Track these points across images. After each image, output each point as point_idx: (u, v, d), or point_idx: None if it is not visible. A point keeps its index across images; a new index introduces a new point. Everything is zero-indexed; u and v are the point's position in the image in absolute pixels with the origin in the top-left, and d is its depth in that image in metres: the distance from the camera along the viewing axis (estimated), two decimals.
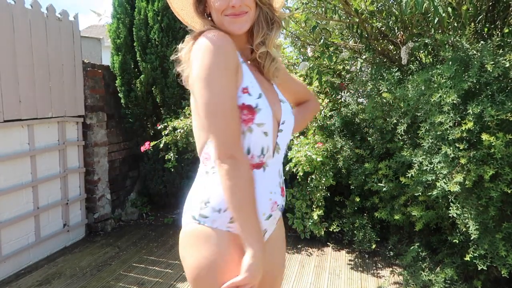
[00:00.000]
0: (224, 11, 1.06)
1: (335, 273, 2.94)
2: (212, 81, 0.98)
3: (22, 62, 2.94)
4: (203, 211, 1.06)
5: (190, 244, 1.07)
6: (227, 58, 1.00)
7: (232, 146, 0.99)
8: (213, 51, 0.98)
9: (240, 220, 0.99)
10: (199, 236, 1.05)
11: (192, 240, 1.07)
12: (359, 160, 3.11)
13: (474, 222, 2.08)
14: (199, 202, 1.08)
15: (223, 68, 0.99)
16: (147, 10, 3.85)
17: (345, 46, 3.57)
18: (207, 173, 1.09)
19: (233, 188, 0.98)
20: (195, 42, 1.05)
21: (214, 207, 1.05)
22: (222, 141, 0.98)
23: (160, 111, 3.99)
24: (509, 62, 2.04)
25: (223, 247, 1.03)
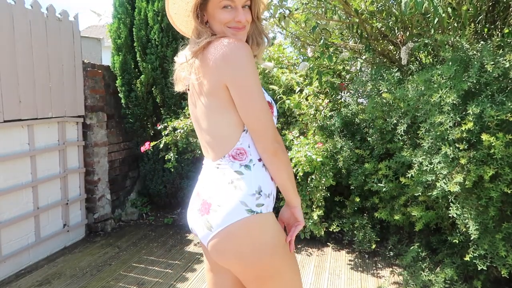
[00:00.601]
0: (228, 23, 1.18)
1: (335, 273, 2.94)
2: (255, 84, 1.14)
3: (22, 62, 2.94)
4: (259, 200, 1.18)
5: (253, 235, 1.17)
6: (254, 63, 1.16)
7: (277, 134, 1.20)
8: (248, 58, 1.13)
9: (292, 186, 1.25)
10: (259, 225, 1.18)
11: (254, 231, 1.17)
12: (359, 160, 3.11)
13: (474, 222, 2.08)
14: (251, 194, 1.17)
15: (256, 72, 1.15)
16: (147, 10, 3.86)
17: (345, 46, 3.58)
18: (247, 167, 1.20)
19: (287, 163, 1.21)
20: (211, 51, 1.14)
21: (266, 193, 1.20)
22: (271, 132, 1.17)
23: (160, 111, 3.99)
24: (509, 63, 2.04)
25: (276, 223, 1.25)
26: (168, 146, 3.65)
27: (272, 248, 1.19)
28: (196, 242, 3.53)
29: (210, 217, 1.17)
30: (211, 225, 1.17)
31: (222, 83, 1.14)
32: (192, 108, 1.28)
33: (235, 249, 1.16)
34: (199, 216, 1.21)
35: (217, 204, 1.17)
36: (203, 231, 1.20)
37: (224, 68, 1.12)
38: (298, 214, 1.31)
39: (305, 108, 3.45)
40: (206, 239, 1.20)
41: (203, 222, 1.19)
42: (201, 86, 1.18)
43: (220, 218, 1.15)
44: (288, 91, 3.74)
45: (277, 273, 1.20)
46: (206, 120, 1.20)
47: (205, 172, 1.29)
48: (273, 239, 1.20)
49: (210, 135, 1.21)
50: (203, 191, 1.24)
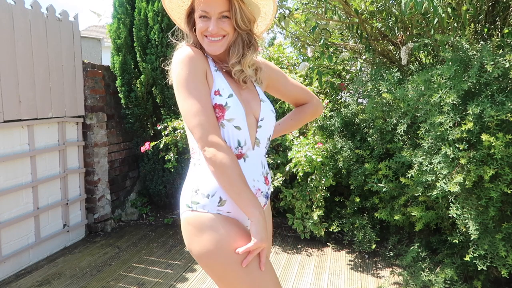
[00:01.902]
0: (204, 32, 1.26)
1: (335, 273, 2.94)
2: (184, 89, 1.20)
3: (22, 62, 2.94)
4: (194, 198, 1.22)
5: (190, 233, 1.22)
6: (195, 67, 1.22)
7: (212, 134, 1.17)
8: (184, 63, 1.21)
9: (234, 195, 1.16)
10: (195, 224, 1.20)
11: (190, 228, 1.21)
12: (359, 160, 3.11)
13: (474, 222, 2.08)
14: (190, 191, 1.24)
15: (192, 77, 1.20)
16: (147, 10, 3.86)
17: (345, 46, 3.58)
18: (195, 165, 1.27)
19: (221, 168, 1.15)
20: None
21: (204, 193, 1.21)
22: (203, 132, 1.16)
23: (160, 112, 3.99)
24: (509, 63, 2.04)
25: (219, 228, 1.18)
26: (168, 146, 3.65)
27: (207, 249, 1.17)
28: None
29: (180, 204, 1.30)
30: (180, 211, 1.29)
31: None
32: None
33: (185, 239, 1.25)
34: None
35: (183, 194, 1.29)
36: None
37: (172, 77, 1.26)
38: (251, 228, 1.15)
39: None
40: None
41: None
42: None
43: (181, 206, 1.28)
44: None
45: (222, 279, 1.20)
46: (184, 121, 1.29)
47: None
48: (210, 241, 1.17)
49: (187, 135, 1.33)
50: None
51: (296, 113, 1.60)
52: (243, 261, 1.15)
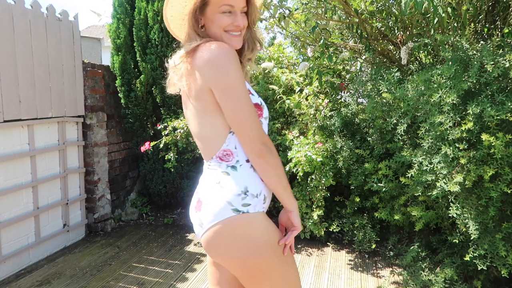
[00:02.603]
0: (226, 27, 1.22)
1: (335, 273, 2.94)
2: (239, 87, 1.15)
3: (22, 62, 2.94)
4: (245, 200, 1.19)
5: (238, 234, 1.18)
6: (239, 66, 1.17)
7: (263, 136, 1.18)
8: (232, 61, 1.14)
9: (282, 189, 1.23)
10: (246, 223, 1.18)
11: (240, 230, 1.18)
12: (359, 160, 3.11)
13: (474, 222, 2.08)
14: (236, 194, 1.19)
15: (241, 75, 1.16)
16: (147, 10, 3.86)
17: (345, 46, 3.58)
18: (234, 168, 1.22)
19: (274, 166, 1.19)
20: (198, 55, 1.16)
21: (253, 193, 1.20)
22: (258, 132, 1.17)
23: (160, 111, 3.99)
24: (509, 62, 2.04)
25: (266, 223, 1.23)
26: (168, 146, 3.65)
27: (258, 248, 1.19)
28: (196, 242, 3.53)
29: (201, 214, 1.22)
30: (202, 222, 1.22)
31: (207, 87, 1.16)
32: (185, 110, 1.31)
33: (222, 247, 1.20)
34: (194, 213, 1.27)
35: (205, 202, 1.22)
36: (196, 227, 1.26)
37: (209, 72, 1.15)
38: (294, 218, 1.27)
39: (305, 108, 3.45)
40: (199, 234, 1.25)
41: (197, 218, 1.25)
42: (190, 90, 1.21)
43: (208, 216, 1.20)
44: (288, 91, 3.74)
45: (266, 274, 1.21)
46: (195, 123, 1.24)
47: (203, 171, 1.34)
48: (261, 239, 1.20)
49: (199, 137, 1.26)
50: (199, 189, 1.30)
51: None
52: (283, 250, 1.25)
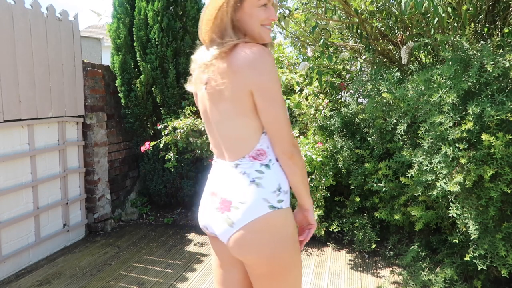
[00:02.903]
0: (263, 21, 1.22)
1: (335, 273, 2.94)
2: (279, 91, 1.19)
3: (22, 62, 2.94)
4: (279, 197, 1.23)
5: (274, 229, 1.21)
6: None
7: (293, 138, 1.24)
8: (274, 64, 1.17)
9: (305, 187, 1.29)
10: (280, 219, 1.22)
11: (275, 226, 1.21)
12: (359, 160, 3.11)
13: (474, 222, 2.08)
14: (272, 191, 1.22)
15: (278, 79, 1.22)
16: (147, 10, 3.85)
17: (345, 46, 3.58)
18: (267, 166, 1.24)
19: (302, 167, 1.25)
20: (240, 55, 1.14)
21: (285, 190, 1.25)
22: (290, 136, 1.21)
23: (160, 111, 3.99)
24: (509, 62, 2.04)
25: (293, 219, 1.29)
26: (168, 146, 3.65)
27: (290, 242, 1.24)
28: (196, 242, 3.53)
29: (232, 214, 1.21)
30: (232, 221, 1.20)
31: (248, 88, 1.15)
32: (208, 109, 1.27)
33: (257, 243, 1.20)
34: (218, 214, 1.24)
35: (239, 201, 1.20)
36: (222, 228, 1.23)
37: (252, 74, 1.14)
38: (311, 217, 1.34)
39: (305, 108, 3.45)
40: (227, 235, 1.23)
41: (223, 219, 1.22)
42: (225, 89, 1.17)
43: (242, 214, 1.19)
44: (288, 91, 3.74)
45: (289, 269, 1.25)
46: (226, 123, 1.22)
47: (219, 171, 1.31)
48: (292, 234, 1.26)
49: (229, 137, 1.24)
50: (220, 190, 1.27)
51: None
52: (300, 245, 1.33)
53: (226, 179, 1.27)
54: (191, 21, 3.94)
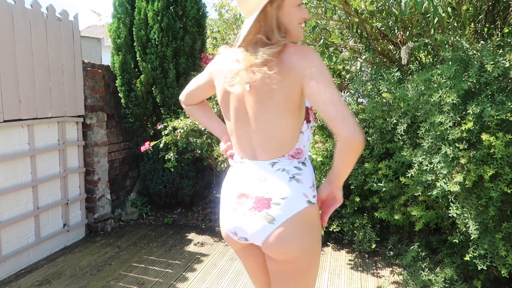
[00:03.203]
0: (299, 19, 1.25)
1: (335, 273, 2.94)
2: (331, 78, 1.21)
3: (22, 62, 2.94)
4: (314, 192, 1.30)
5: (311, 223, 1.27)
6: None
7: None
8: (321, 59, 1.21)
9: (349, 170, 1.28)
10: (315, 213, 1.29)
11: (311, 222, 1.27)
12: (359, 160, 3.11)
13: (474, 222, 2.08)
14: (309, 187, 1.28)
15: None
16: (147, 10, 3.85)
17: (345, 46, 3.58)
18: (304, 164, 1.30)
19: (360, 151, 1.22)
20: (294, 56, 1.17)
21: (316, 185, 1.32)
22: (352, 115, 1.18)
23: (160, 111, 3.99)
24: (509, 62, 2.04)
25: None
26: (168, 146, 3.65)
27: (318, 235, 1.30)
28: (196, 242, 3.53)
29: (272, 210, 1.22)
30: (273, 217, 1.22)
31: (300, 84, 1.16)
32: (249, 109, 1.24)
33: (299, 237, 1.23)
34: (253, 214, 1.24)
35: (279, 197, 1.22)
36: (259, 226, 1.24)
37: (305, 67, 1.16)
38: (340, 194, 1.32)
39: None
40: (265, 232, 1.23)
41: (262, 217, 1.23)
42: (278, 88, 1.17)
43: (283, 210, 1.21)
44: None
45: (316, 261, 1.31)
46: (272, 122, 1.23)
47: (247, 172, 1.30)
48: (320, 226, 1.32)
49: (272, 136, 1.25)
50: (253, 190, 1.26)
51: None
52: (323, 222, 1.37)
53: (260, 178, 1.26)
54: (191, 21, 3.94)
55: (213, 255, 3.26)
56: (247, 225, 1.26)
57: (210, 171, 4.34)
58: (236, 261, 3.13)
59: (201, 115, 1.52)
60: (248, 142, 1.29)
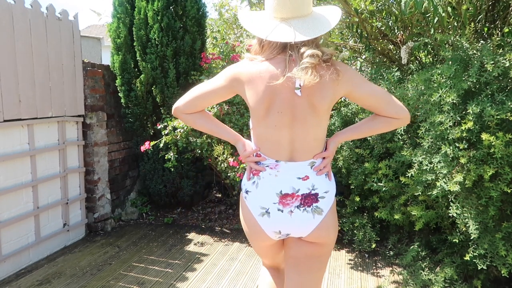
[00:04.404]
0: None
1: (335, 272, 2.94)
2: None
3: (22, 62, 2.94)
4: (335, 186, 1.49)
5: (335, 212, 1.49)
6: None
7: None
8: None
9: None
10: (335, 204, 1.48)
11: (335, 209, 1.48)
12: (359, 159, 3.11)
13: (474, 221, 2.08)
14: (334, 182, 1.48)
15: None
16: (147, 9, 3.85)
17: (345, 45, 3.58)
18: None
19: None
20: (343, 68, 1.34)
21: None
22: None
23: (160, 111, 3.99)
24: (509, 62, 2.04)
25: None
26: (168, 146, 3.65)
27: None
28: (196, 242, 3.53)
29: (320, 203, 1.40)
30: (321, 209, 1.40)
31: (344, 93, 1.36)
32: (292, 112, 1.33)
33: (335, 222, 1.46)
34: (301, 210, 1.38)
35: (323, 191, 1.40)
36: (308, 219, 1.39)
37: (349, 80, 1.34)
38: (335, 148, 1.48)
39: None
40: (315, 223, 1.39)
41: (312, 210, 1.39)
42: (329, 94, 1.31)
43: (327, 202, 1.41)
44: None
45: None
46: (319, 126, 1.36)
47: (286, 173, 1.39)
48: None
49: (316, 138, 1.38)
50: (298, 189, 1.38)
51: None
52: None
53: (301, 177, 1.38)
54: (191, 21, 3.94)
55: (213, 255, 3.26)
56: (297, 221, 1.39)
57: (210, 171, 4.34)
58: (236, 261, 3.14)
59: (207, 123, 1.50)
60: (289, 144, 1.37)
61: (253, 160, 1.43)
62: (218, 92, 1.41)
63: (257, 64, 1.33)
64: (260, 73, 1.31)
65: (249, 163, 1.45)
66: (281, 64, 1.29)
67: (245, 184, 1.47)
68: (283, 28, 1.29)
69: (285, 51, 1.30)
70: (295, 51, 1.28)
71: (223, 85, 1.40)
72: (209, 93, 1.41)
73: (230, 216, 4.17)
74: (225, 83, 1.39)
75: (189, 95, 1.43)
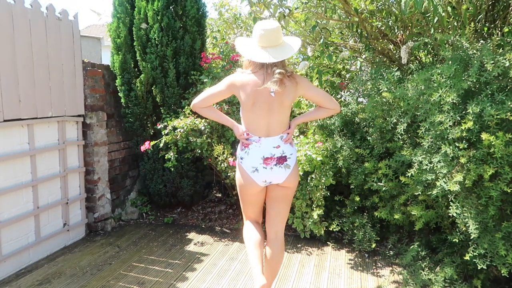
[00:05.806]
0: None
1: (335, 272, 2.94)
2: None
3: (22, 62, 2.94)
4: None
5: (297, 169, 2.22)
6: None
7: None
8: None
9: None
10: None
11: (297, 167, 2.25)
12: (359, 159, 3.11)
13: (474, 221, 2.09)
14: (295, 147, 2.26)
15: None
16: (147, 9, 3.85)
17: (345, 45, 3.58)
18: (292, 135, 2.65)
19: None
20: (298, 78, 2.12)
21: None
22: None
23: (160, 111, 3.99)
24: (509, 62, 2.04)
25: None
26: (168, 146, 3.65)
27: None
28: (196, 242, 3.54)
29: (288, 162, 2.11)
30: (289, 165, 2.12)
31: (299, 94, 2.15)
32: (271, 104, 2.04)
33: (297, 173, 2.19)
34: (278, 166, 2.09)
35: (289, 154, 2.13)
36: (282, 171, 2.11)
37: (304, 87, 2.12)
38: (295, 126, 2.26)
39: (305, 107, 3.45)
40: (286, 174, 2.12)
41: (284, 166, 2.10)
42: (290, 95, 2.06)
43: (293, 160, 2.14)
44: None
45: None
46: (283, 113, 2.10)
47: (266, 144, 2.09)
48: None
49: (281, 121, 2.10)
50: (274, 153, 2.09)
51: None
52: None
53: (275, 146, 2.09)
54: (191, 21, 3.94)
55: (213, 254, 3.26)
56: (275, 173, 2.10)
57: (210, 170, 4.34)
58: (236, 261, 3.14)
59: (215, 113, 2.23)
60: (266, 126, 2.09)
61: (244, 138, 2.13)
62: (221, 93, 2.14)
63: (246, 75, 2.06)
64: (248, 81, 2.04)
65: (241, 139, 2.15)
66: (261, 76, 2.02)
67: (240, 154, 2.17)
68: (262, 53, 2.00)
69: (263, 68, 2.02)
70: (269, 68, 2.01)
71: (224, 88, 2.11)
72: (216, 93, 2.13)
73: (230, 216, 4.17)
74: (226, 88, 2.11)
75: (203, 95, 2.14)
